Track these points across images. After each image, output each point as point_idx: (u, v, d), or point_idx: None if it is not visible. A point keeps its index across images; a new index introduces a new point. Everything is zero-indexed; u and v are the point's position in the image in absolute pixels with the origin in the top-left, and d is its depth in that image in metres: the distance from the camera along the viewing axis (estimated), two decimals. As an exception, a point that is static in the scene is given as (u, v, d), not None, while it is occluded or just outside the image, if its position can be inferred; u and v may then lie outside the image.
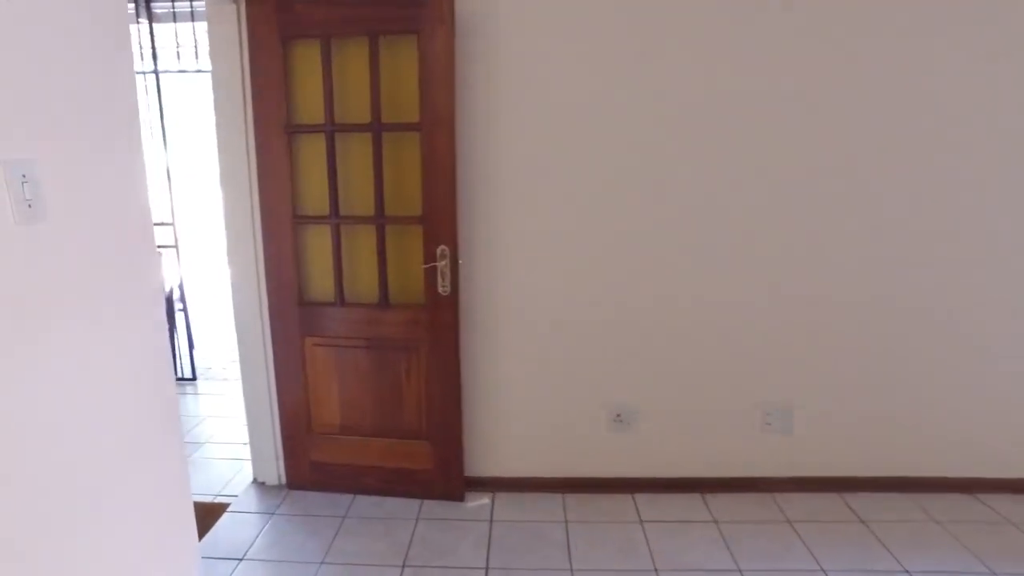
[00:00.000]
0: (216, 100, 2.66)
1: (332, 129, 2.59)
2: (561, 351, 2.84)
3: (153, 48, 4.19)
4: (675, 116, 2.59)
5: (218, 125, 2.68)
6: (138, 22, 4.34)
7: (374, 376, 2.81)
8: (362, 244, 2.74)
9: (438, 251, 2.59)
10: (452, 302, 2.65)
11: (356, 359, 2.80)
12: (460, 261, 2.62)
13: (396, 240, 2.71)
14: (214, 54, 2.63)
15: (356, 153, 2.66)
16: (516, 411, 2.93)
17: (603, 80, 2.56)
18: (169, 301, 4.93)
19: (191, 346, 4.78)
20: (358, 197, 2.69)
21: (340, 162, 2.65)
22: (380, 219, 2.64)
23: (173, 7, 4.59)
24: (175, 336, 4.89)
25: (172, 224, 4.48)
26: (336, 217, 2.66)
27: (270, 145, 2.62)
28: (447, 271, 2.60)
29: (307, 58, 2.58)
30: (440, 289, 2.62)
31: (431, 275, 2.63)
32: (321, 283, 2.79)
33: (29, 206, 1.33)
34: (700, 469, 2.94)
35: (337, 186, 2.64)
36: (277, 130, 2.60)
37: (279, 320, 2.80)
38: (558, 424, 2.93)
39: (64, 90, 1.37)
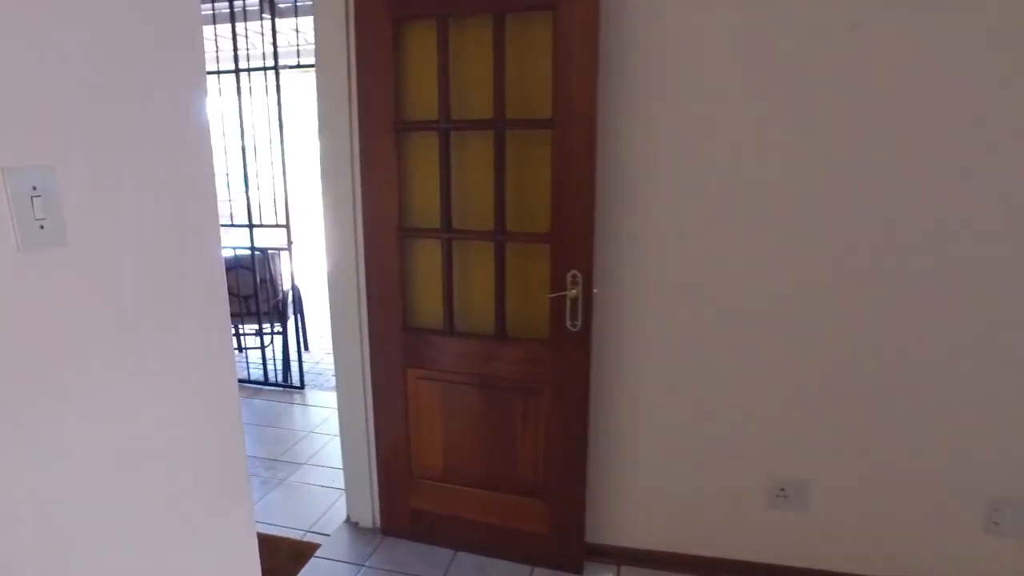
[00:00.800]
0: (319, 95, 2.33)
1: (447, 127, 2.18)
2: (713, 407, 2.27)
3: (274, 43, 4.02)
4: (882, 137, 1.95)
5: (320, 124, 2.35)
6: (262, 18, 4.19)
7: (485, 419, 2.37)
8: (477, 264, 2.31)
9: (568, 277, 2.11)
10: (583, 340, 2.16)
11: (465, 398, 2.38)
12: (595, 290, 2.13)
13: (518, 261, 2.26)
14: (319, 44, 2.30)
15: (474, 156, 2.23)
16: (651, 473, 2.40)
17: (789, 70, 1.97)
18: (283, 304, 4.81)
19: (301, 351, 4.61)
20: (475, 208, 2.26)
21: (455, 166, 2.23)
22: (500, 235, 2.19)
23: (295, 0, 4.42)
24: (287, 341, 4.75)
25: (286, 226, 4.31)
26: (448, 231, 2.25)
27: (376, 145, 2.25)
28: (578, 302, 2.11)
29: (420, 43, 2.19)
30: (569, 324, 2.14)
31: (558, 306, 2.15)
32: (428, 307, 2.40)
33: (41, 227, 0.99)
34: (894, 568, 2.26)
35: (451, 194, 2.23)
36: (384, 128, 2.22)
37: (380, 346, 2.43)
38: (703, 493, 2.36)
39: (90, 83, 1.01)
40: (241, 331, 4.99)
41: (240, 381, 4.65)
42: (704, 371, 2.25)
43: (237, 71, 4.01)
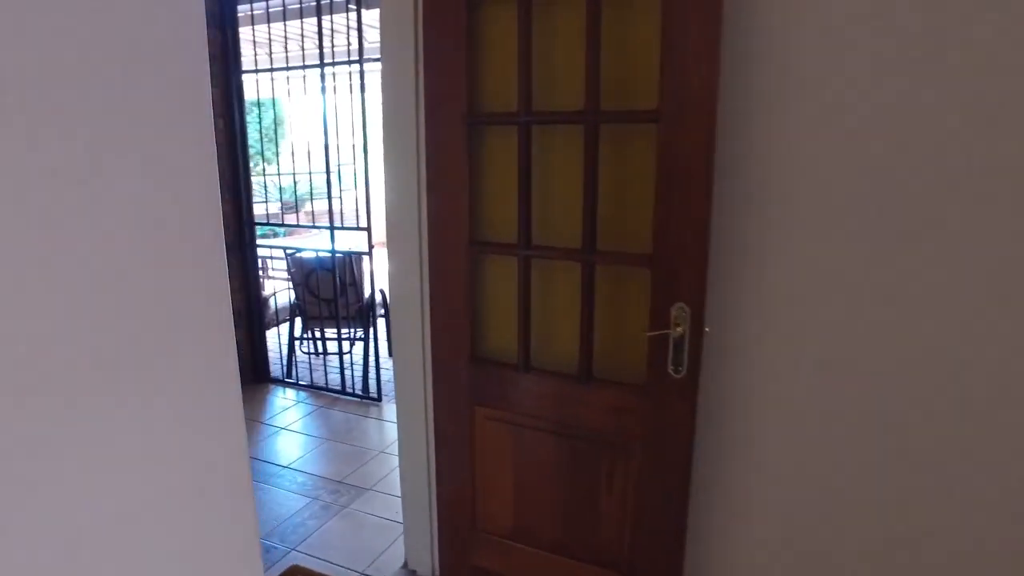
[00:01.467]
0: (383, 88, 2.02)
1: (528, 120, 1.79)
2: (850, 479, 1.76)
3: (359, 35, 3.79)
4: None
5: (384, 120, 2.03)
6: (348, 9, 3.98)
7: (563, 474, 1.97)
8: (561, 288, 1.92)
9: (673, 311, 1.67)
10: (687, 389, 1.71)
11: (541, 447, 1.98)
12: (706, 329, 1.67)
13: (609, 287, 1.84)
14: (385, 30, 1.99)
15: (560, 156, 1.84)
16: (768, 552, 1.91)
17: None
18: (366, 309, 4.60)
19: (379, 360, 4.38)
20: (559, 220, 1.86)
21: (537, 168, 1.84)
22: (589, 254, 1.78)
23: (385, -11, 4.18)
24: (367, 348, 4.54)
25: (367, 229, 4.08)
26: (527, 247, 1.86)
27: (444, 142, 1.90)
28: (684, 342, 1.67)
29: (498, 25, 1.82)
30: (671, 368, 1.70)
31: (659, 346, 1.71)
32: (501, 336, 2.02)
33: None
34: None
35: (530, 202, 1.84)
36: (453, 122, 1.86)
37: (444, 377, 2.08)
38: (840, 589, 1.85)
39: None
40: (321, 335, 4.84)
41: (318, 388, 4.48)
42: (841, 444, 1.74)
43: (322, 64, 3.82)
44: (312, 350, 4.96)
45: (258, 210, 9.09)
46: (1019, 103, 1.42)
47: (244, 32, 4.12)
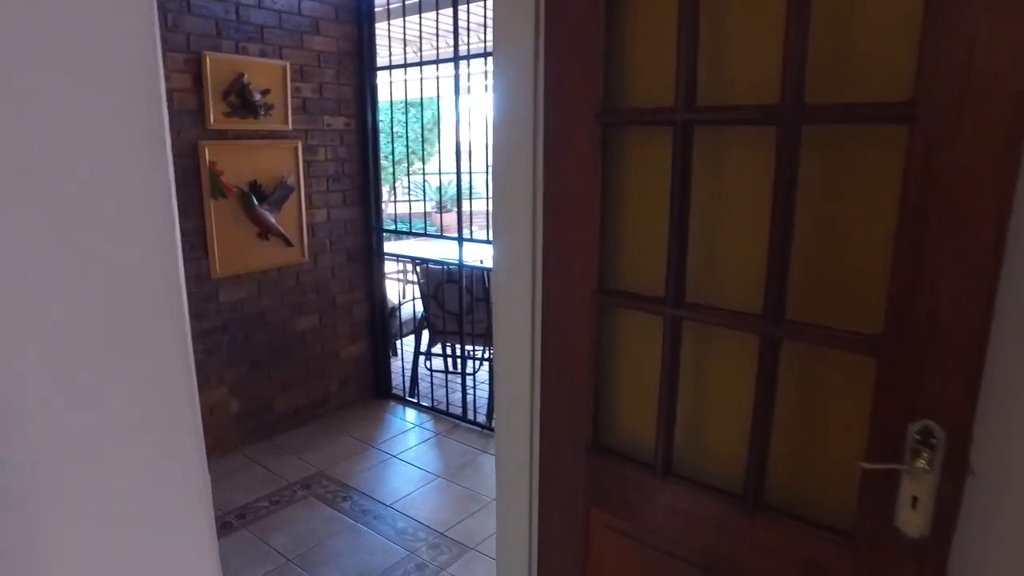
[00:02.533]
0: (495, 76, 1.53)
1: (690, 118, 1.20)
2: None
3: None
4: None
5: (495, 120, 1.55)
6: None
7: (710, 628, 1.37)
8: (725, 367, 1.32)
9: (913, 431, 1.02)
10: (928, 557, 1.05)
11: (678, 583, 1.40)
12: (972, 472, 1.00)
13: (802, 376, 1.21)
14: (499, 12, 1.49)
15: (734, 172, 1.24)
16: None
17: None
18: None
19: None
20: (729, 268, 1.27)
21: (699, 189, 1.25)
22: (773, 325, 1.16)
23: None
24: (493, 372, 4.14)
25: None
26: (678, 304, 1.28)
27: (567, 148, 1.37)
28: (928, 484, 1.01)
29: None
30: (900, 522, 1.05)
31: (882, 483, 1.07)
32: (634, 421, 1.46)
33: None
34: None
35: (687, 238, 1.26)
36: (582, 120, 1.33)
37: (553, 465, 1.56)
38: None
39: None
40: (452, 353, 4.51)
41: (439, 411, 4.13)
42: None
43: (456, 59, 3.44)
44: (438, 367, 4.66)
45: (415, 208, 9.20)
46: None
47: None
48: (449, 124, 3.70)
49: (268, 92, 3.36)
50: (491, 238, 1.66)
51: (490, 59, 3.29)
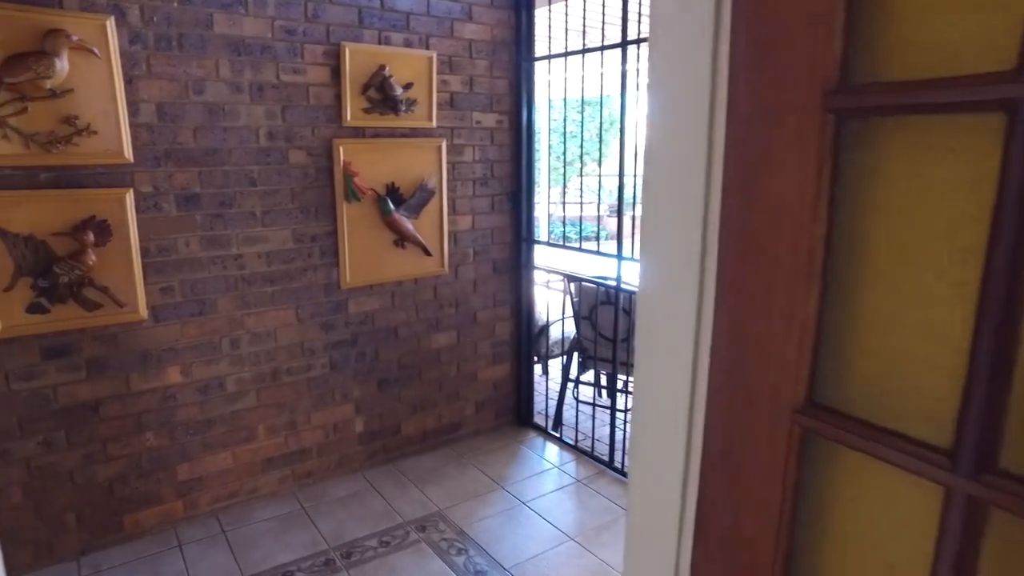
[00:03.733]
0: (651, 60, 0.96)
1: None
2: None
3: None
4: None
5: (649, 122, 0.98)
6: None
7: None
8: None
9: None
10: None
11: None
12: None
13: None
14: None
15: None
16: None
17: None
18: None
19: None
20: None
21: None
22: None
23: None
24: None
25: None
26: (981, 467, 0.64)
27: (766, 152, 0.78)
28: None
29: None
30: None
31: None
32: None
33: None
34: None
35: (1017, 333, 0.61)
36: (794, 107, 0.73)
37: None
38: None
39: None
40: (607, 383, 3.96)
41: (582, 451, 3.60)
42: None
43: (624, 43, 2.87)
44: (586, 396, 4.12)
45: (588, 212, 8.72)
46: None
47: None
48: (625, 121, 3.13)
49: (411, 86, 3.04)
50: (638, 282, 1.09)
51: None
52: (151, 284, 2.57)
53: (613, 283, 3.36)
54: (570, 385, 3.98)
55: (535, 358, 4.05)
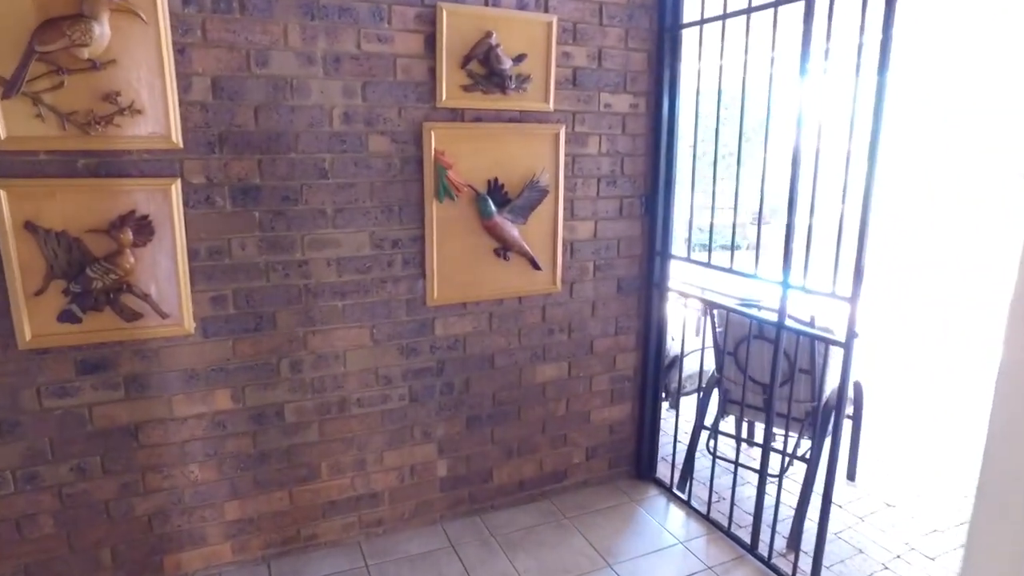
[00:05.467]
0: None
1: None
2: None
3: None
4: None
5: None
6: None
7: None
8: None
9: None
10: None
11: None
12: None
13: None
14: None
15: None
16: None
17: None
18: (823, 415, 2.76)
19: (827, 510, 2.47)
20: None
21: None
22: None
23: None
24: (812, 479, 2.71)
25: (852, 298, 2.19)
26: None
27: None
28: None
29: None
30: None
31: None
32: None
33: None
34: None
35: None
36: None
37: None
38: None
39: None
40: (736, 431, 3.15)
41: (714, 523, 2.85)
42: None
43: (813, -5, 2.07)
44: (726, 451, 3.32)
45: (724, 219, 7.70)
46: None
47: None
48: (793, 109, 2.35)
49: (523, 58, 2.43)
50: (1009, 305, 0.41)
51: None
52: (199, 292, 2.18)
53: (771, 315, 2.57)
54: (704, 433, 3.22)
55: (663, 394, 3.33)
